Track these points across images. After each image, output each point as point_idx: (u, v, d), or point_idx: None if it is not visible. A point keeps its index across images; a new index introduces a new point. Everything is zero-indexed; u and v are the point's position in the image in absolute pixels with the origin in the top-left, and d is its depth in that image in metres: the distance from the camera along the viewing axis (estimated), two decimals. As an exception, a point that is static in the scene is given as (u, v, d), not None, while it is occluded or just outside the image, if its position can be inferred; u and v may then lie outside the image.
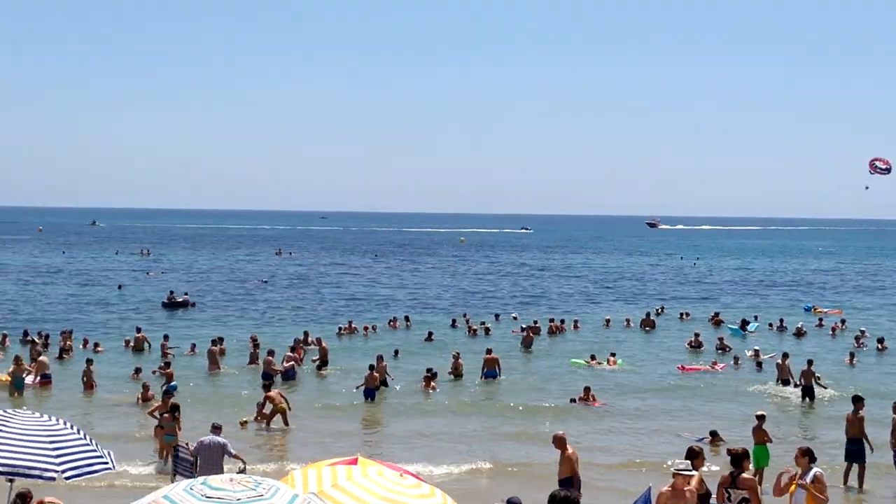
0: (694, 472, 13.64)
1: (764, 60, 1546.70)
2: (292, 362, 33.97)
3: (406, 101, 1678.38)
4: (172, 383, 29.20)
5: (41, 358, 32.48)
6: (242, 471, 18.21)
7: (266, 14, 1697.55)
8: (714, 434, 24.20)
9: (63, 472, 12.36)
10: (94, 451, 12.97)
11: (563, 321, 48.66)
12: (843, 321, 49.91)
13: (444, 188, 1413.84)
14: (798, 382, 31.45)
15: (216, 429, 19.43)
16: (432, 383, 31.91)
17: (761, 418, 21.28)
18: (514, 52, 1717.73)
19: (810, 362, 31.67)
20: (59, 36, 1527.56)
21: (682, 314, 53.62)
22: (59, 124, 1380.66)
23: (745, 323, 48.55)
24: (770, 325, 49.21)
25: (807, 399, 30.55)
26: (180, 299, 57.11)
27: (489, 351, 34.95)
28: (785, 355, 33.56)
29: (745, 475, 13.77)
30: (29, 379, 30.90)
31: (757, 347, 39.67)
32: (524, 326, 44.54)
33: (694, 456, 14.76)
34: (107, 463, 12.99)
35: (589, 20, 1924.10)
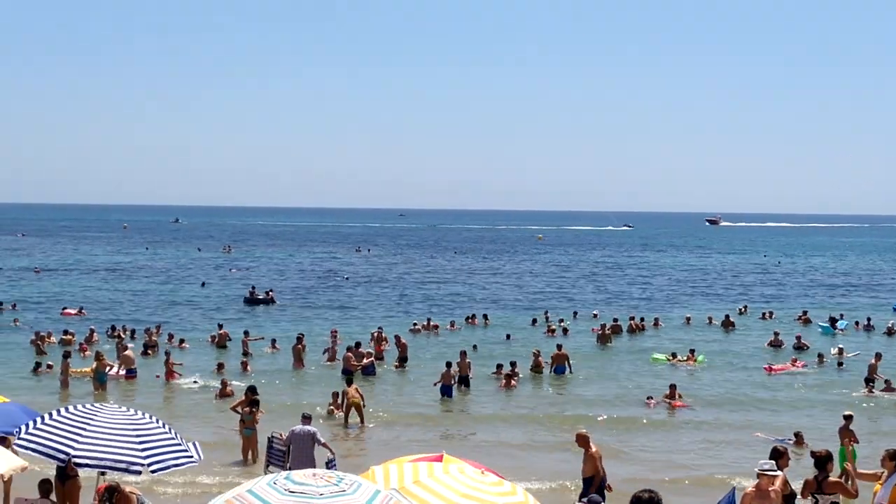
0: (779, 473, 13.43)
1: (764, 60, 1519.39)
2: (371, 358, 34.18)
3: (406, 100, 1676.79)
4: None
5: (127, 352, 33.17)
6: (332, 460, 18.65)
7: (266, 14, 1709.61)
8: (798, 435, 23.68)
9: (149, 465, 12.58)
10: (179, 444, 13.16)
11: (642, 319, 48.21)
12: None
13: (443, 188, 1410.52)
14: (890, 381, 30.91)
15: (306, 419, 20.26)
16: (513, 381, 31.83)
17: (848, 418, 20.84)
18: (514, 52, 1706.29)
19: None
20: (59, 35, 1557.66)
21: (764, 313, 52.70)
22: (59, 124, 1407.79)
23: (833, 321, 47.65)
24: (857, 323, 48.22)
25: None
26: (261, 296, 57.83)
27: (559, 347, 35.40)
28: (878, 355, 32.85)
29: (831, 478, 13.52)
30: (114, 370, 31.61)
31: (841, 346, 38.87)
32: (602, 325, 44.27)
33: (778, 456, 14.51)
34: (192, 456, 13.18)
35: (589, 20, 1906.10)
